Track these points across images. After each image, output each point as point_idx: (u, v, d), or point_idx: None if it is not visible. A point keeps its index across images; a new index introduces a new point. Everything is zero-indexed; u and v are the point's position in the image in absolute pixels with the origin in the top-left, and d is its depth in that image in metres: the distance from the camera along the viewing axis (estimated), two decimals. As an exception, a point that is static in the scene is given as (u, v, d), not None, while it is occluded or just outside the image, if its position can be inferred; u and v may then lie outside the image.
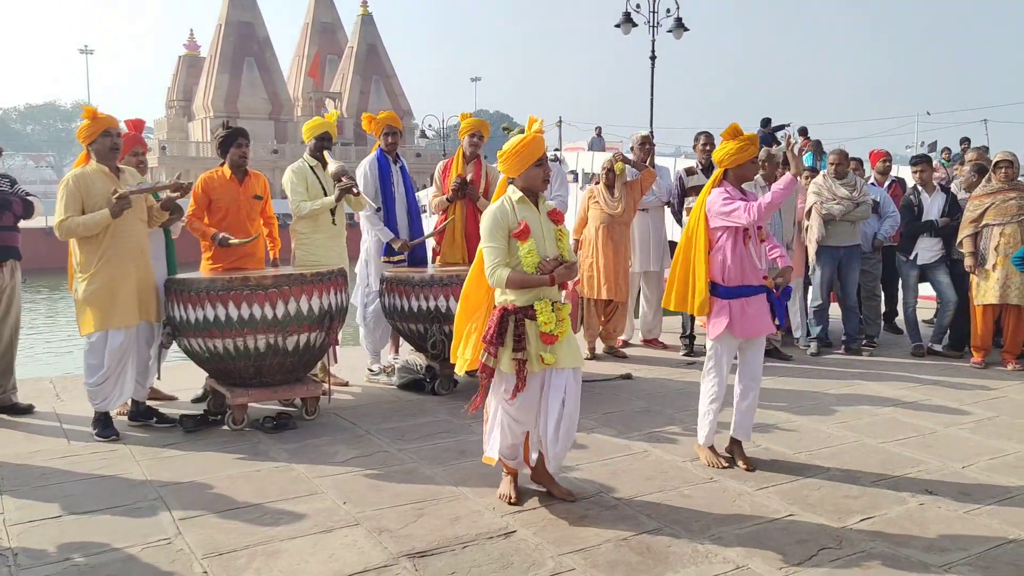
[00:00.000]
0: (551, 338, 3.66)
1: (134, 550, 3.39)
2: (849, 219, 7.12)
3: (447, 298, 5.61)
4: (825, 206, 7.13)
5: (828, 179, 7.24)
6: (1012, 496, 4.02)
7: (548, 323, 3.63)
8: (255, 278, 4.89)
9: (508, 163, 3.72)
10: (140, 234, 4.90)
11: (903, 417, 5.36)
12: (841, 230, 7.16)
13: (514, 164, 3.70)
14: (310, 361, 5.27)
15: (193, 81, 58.31)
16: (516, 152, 3.68)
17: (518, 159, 3.69)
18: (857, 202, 7.09)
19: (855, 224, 7.20)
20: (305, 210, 5.71)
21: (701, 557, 3.35)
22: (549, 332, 3.64)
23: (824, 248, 7.22)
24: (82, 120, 4.83)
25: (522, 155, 3.68)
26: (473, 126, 6.25)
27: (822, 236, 7.17)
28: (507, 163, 3.72)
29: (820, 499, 3.96)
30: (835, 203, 7.09)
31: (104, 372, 4.79)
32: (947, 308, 7.33)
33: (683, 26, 23.90)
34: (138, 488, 4.07)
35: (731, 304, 4.25)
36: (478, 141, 6.28)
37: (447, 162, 6.42)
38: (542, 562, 3.30)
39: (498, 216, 3.67)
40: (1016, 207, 6.66)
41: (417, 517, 3.73)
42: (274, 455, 4.58)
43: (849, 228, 7.18)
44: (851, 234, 7.21)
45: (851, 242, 7.24)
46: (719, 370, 4.37)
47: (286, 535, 3.53)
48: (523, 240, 3.64)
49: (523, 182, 3.73)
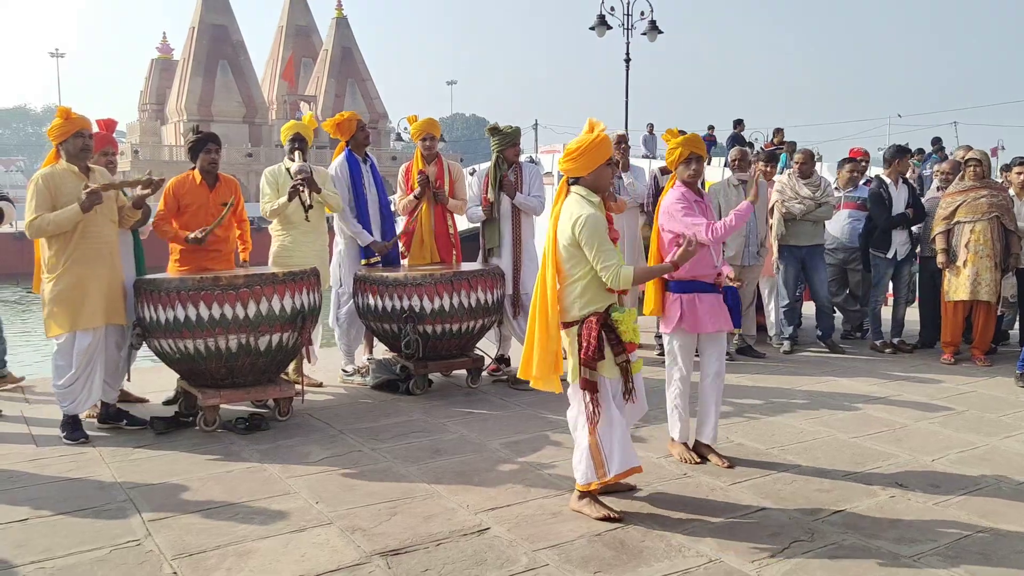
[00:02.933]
0: (632, 347, 3.64)
1: (102, 552, 3.35)
2: (810, 219, 7.17)
3: (420, 298, 5.60)
4: (786, 204, 7.20)
5: (792, 178, 7.30)
6: (980, 488, 4.07)
7: (628, 332, 3.59)
8: (226, 278, 4.85)
9: (578, 162, 3.62)
10: (110, 235, 4.84)
11: (874, 412, 5.41)
12: (802, 229, 7.22)
13: (585, 163, 3.61)
14: (282, 362, 5.23)
15: (166, 84, 57.81)
16: (589, 150, 3.60)
17: (589, 158, 3.61)
18: (819, 202, 7.14)
19: (818, 224, 7.25)
20: (267, 211, 5.84)
21: (674, 551, 3.36)
22: (630, 341, 3.61)
23: (786, 247, 7.30)
24: (55, 119, 4.77)
25: (594, 154, 3.60)
26: (423, 129, 6.22)
27: (781, 234, 7.24)
28: (577, 161, 3.62)
29: (792, 493, 3.99)
30: (796, 202, 7.16)
31: (73, 374, 4.72)
32: (899, 303, 7.53)
33: (657, 29, 24.06)
34: (107, 490, 4.02)
35: (682, 298, 4.27)
36: (431, 143, 6.27)
37: (408, 165, 6.42)
38: (516, 558, 3.30)
39: (599, 218, 3.57)
40: (987, 204, 6.75)
41: (390, 516, 3.71)
42: (246, 456, 4.54)
43: (810, 228, 7.24)
44: (812, 234, 7.26)
45: (813, 241, 7.28)
46: (678, 364, 4.39)
47: (257, 535, 3.50)
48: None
49: (592, 181, 3.65)
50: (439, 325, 5.69)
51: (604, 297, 3.63)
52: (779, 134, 19.62)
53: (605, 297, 3.63)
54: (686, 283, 4.27)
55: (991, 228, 6.74)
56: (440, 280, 5.64)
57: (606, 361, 3.59)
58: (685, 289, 4.28)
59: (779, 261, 7.36)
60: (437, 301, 5.62)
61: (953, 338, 7.01)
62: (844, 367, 6.77)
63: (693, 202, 4.30)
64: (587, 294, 3.61)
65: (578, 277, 3.62)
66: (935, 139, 17.72)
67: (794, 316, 7.45)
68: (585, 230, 3.53)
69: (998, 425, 5.14)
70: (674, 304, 4.30)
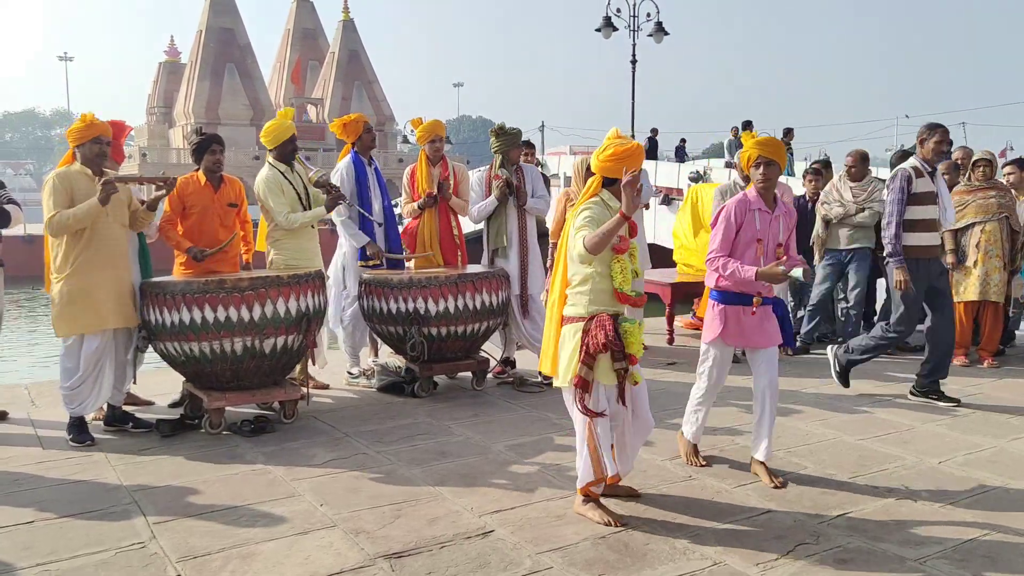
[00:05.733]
0: (634, 360, 3.61)
1: (107, 555, 3.35)
2: (848, 223, 7.07)
3: (425, 300, 5.60)
4: (824, 207, 7.16)
5: (842, 180, 7.23)
6: (987, 491, 4.05)
7: (634, 344, 3.55)
8: (231, 281, 4.86)
9: (621, 163, 3.58)
10: (119, 239, 4.85)
11: (880, 414, 5.39)
12: (841, 234, 7.12)
13: (626, 165, 3.57)
14: (288, 364, 5.23)
15: (174, 87, 58.05)
16: (631, 154, 3.58)
17: (630, 162, 3.57)
18: (863, 206, 7.01)
19: (861, 228, 7.04)
20: (296, 223, 5.59)
21: (679, 554, 3.35)
22: (635, 354, 3.58)
23: (827, 251, 7.23)
24: (76, 122, 4.81)
25: (634, 159, 3.58)
26: (430, 131, 6.22)
27: (816, 237, 7.21)
28: (620, 163, 3.58)
29: (798, 495, 3.97)
30: (837, 204, 7.10)
31: (80, 376, 4.74)
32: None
33: (663, 30, 24.06)
34: (112, 493, 4.03)
35: (727, 310, 4.17)
36: (439, 145, 6.29)
37: (413, 167, 6.42)
38: (519, 561, 3.29)
39: (599, 212, 3.56)
40: (996, 205, 6.74)
41: (395, 518, 3.71)
42: (251, 458, 4.55)
43: (850, 232, 7.07)
44: (852, 238, 7.09)
45: (853, 246, 7.10)
46: (709, 373, 4.29)
47: (262, 537, 3.50)
48: (620, 253, 3.58)
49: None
50: (444, 327, 5.69)
51: (612, 302, 3.62)
52: (789, 134, 19.61)
53: (612, 302, 3.62)
54: (732, 295, 4.14)
55: (1000, 228, 6.73)
56: (445, 282, 5.65)
57: (603, 366, 3.56)
58: (731, 301, 4.15)
59: (819, 264, 7.28)
60: (442, 303, 5.62)
61: (963, 339, 6.97)
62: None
63: (755, 211, 4.10)
64: (594, 292, 3.61)
65: (586, 275, 3.62)
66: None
67: (813, 316, 7.36)
68: (580, 215, 3.59)
69: (1006, 427, 5.11)
70: (719, 315, 4.18)
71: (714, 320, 4.20)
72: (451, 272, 5.85)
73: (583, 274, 3.62)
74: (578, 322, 3.61)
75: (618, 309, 3.64)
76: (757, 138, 4.25)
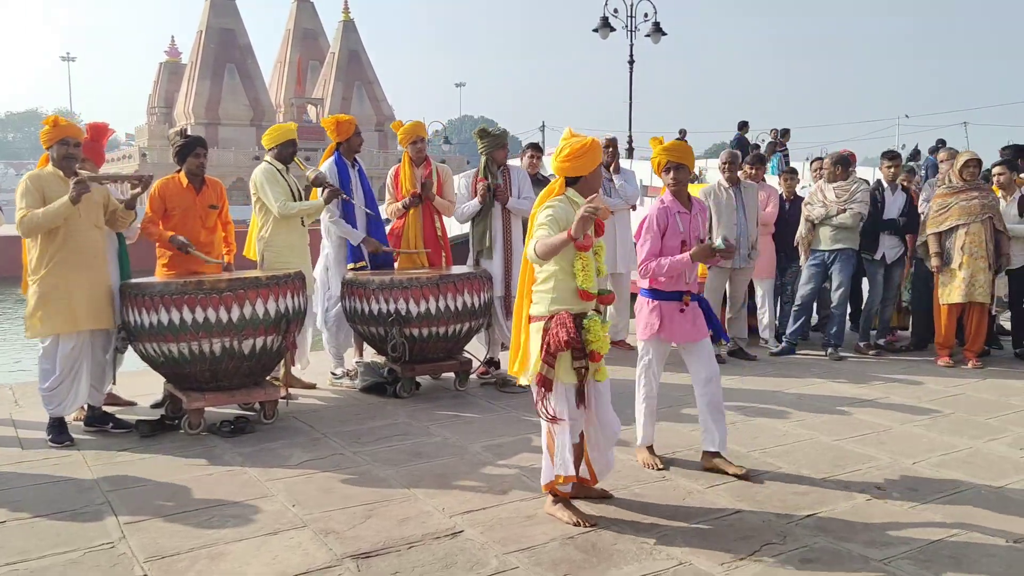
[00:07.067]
0: (597, 356, 3.63)
1: (76, 555, 3.37)
2: (830, 224, 7.08)
3: (407, 301, 5.61)
4: (808, 207, 7.18)
5: (823, 182, 7.29)
6: (959, 491, 4.06)
7: (596, 340, 3.57)
8: (209, 282, 4.88)
9: (579, 161, 3.60)
10: (95, 240, 4.87)
11: (859, 415, 5.40)
12: (824, 234, 7.14)
13: (584, 163, 3.61)
14: (267, 365, 5.25)
15: (174, 88, 58.11)
16: (589, 151, 3.60)
17: (588, 159, 3.61)
18: (844, 207, 7.00)
19: (842, 230, 7.03)
20: (293, 210, 5.71)
21: (645, 554, 3.37)
22: (597, 351, 3.60)
23: (812, 251, 7.24)
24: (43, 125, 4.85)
25: (593, 155, 3.62)
26: (411, 133, 6.28)
27: (800, 238, 7.23)
28: (577, 161, 3.60)
29: (769, 496, 3.98)
30: (819, 206, 7.12)
31: (58, 376, 4.76)
32: (887, 304, 7.50)
33: (661, 30, 24.05)
34: (86, 493, 4.05)
35: (661, 306, 4.24)
36: (422, 145, 6.32)
37: (396, 168, 6.45)
38: (486, 561, 3.31)
39: (562, 211, 3.57)
40: (980, 206, 6.74)
41: (366, 518, 3.72)
42: (228, 459, 4.56)
43: (832, 233, 7.08)
44: (835, 239, 7.08)
45: (836, 246, 7.10)
46: (648, 371, 4.37)
47: (231, 538, 3.52)
48: (584, 251, 3.58)
49: (589, 184, 3.65)
50: (425, 328, 5.70)
51: (575, 300, 3.63)
52: (787, 135, 19.57)
53: (576, 300, 3.63)
54: (663, 293, 4.23)
55: (984, 229, 6.73)
56: (426, 283, 5.66)
57: (564, 365, 3.57)
58: (665, 298, 4.24)
59: (805, 265, 7.33)
60: (423, 304, 5.63)
61: (947, 341, 6.98)
62: (833, 370, 6.74)
63: (675, 215, 4.22)
64: (557, 291, 3.62)
65: (549, 273, 3.63)
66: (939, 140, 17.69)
67: (798, 317, 7.39)
68: (541, 214, 3.60)
69: (983, 428, 5.12)
70: (653, 312, 4.26)
71: (649, 317, 4.27)
72: (432, 273, 5.86)
73: (547, 272, 3.64)
74: (541, 321, 3.63)
75: (583, 307, 3.64)
76: (664, 144, 4.33)
